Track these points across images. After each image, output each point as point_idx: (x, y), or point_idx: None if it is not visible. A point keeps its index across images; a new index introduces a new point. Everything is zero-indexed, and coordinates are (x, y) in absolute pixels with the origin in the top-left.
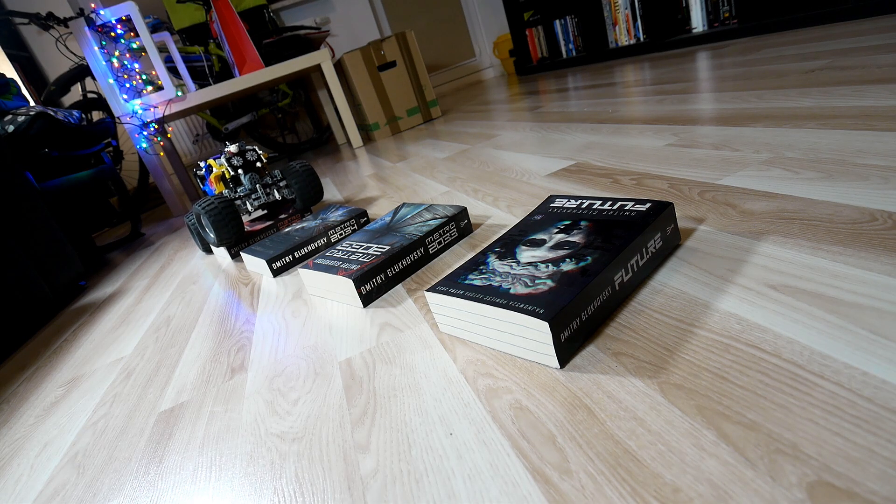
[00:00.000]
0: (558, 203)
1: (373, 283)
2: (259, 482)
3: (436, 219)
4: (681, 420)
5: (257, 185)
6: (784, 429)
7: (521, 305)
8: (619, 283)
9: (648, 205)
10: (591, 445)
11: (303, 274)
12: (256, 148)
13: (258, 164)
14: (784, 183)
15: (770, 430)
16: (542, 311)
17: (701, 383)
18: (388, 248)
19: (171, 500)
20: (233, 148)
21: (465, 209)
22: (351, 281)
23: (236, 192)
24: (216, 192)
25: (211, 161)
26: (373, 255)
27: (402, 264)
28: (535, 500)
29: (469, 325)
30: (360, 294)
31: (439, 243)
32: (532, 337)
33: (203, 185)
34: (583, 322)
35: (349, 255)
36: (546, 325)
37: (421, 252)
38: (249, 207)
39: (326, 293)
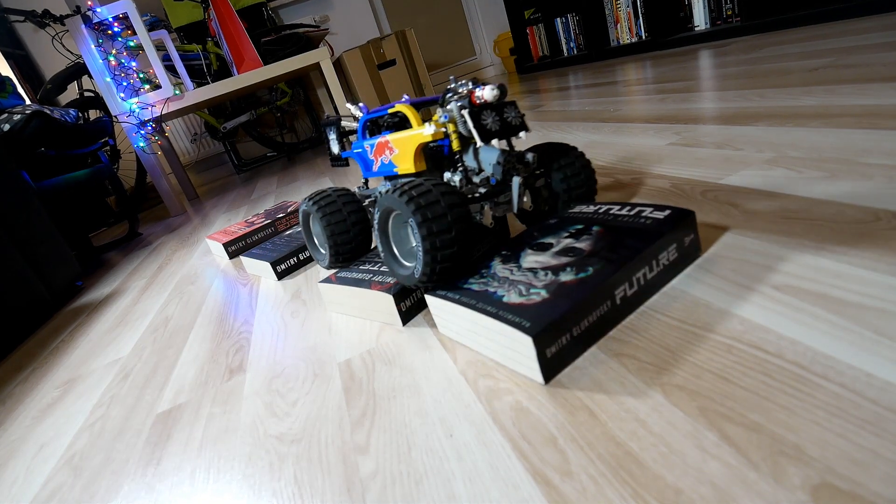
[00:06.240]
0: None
1: (412, 299)
2: (258, 484)
3: None
4: (683, 421)
5: (514, 179)
6: (787, 430)
7: (510, 317)
8: (620, 298)
9: (668, 212)
10: (593, 447)
11: (323, 289)
12: (517, 103)
13: (521, 135)
14: (787, 182)
15: (773, 431)
16: (527, 325)
17: (703, 384)
18: None
19: (169, 502)
20: (486, 92)
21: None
22: (391, 296)
23: (468, 179)
24: (398, 170)
25: (403, 107)
26: None
27: None
28: (536, 502)
29: (463, 330)
30: (399, 311)
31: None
32: (518, 350)
33: (345, 148)
34: (573, 338)
35: (379, 266)
36: (530, 339)
37: None
38: (486, 216)
39: (353, 310)
